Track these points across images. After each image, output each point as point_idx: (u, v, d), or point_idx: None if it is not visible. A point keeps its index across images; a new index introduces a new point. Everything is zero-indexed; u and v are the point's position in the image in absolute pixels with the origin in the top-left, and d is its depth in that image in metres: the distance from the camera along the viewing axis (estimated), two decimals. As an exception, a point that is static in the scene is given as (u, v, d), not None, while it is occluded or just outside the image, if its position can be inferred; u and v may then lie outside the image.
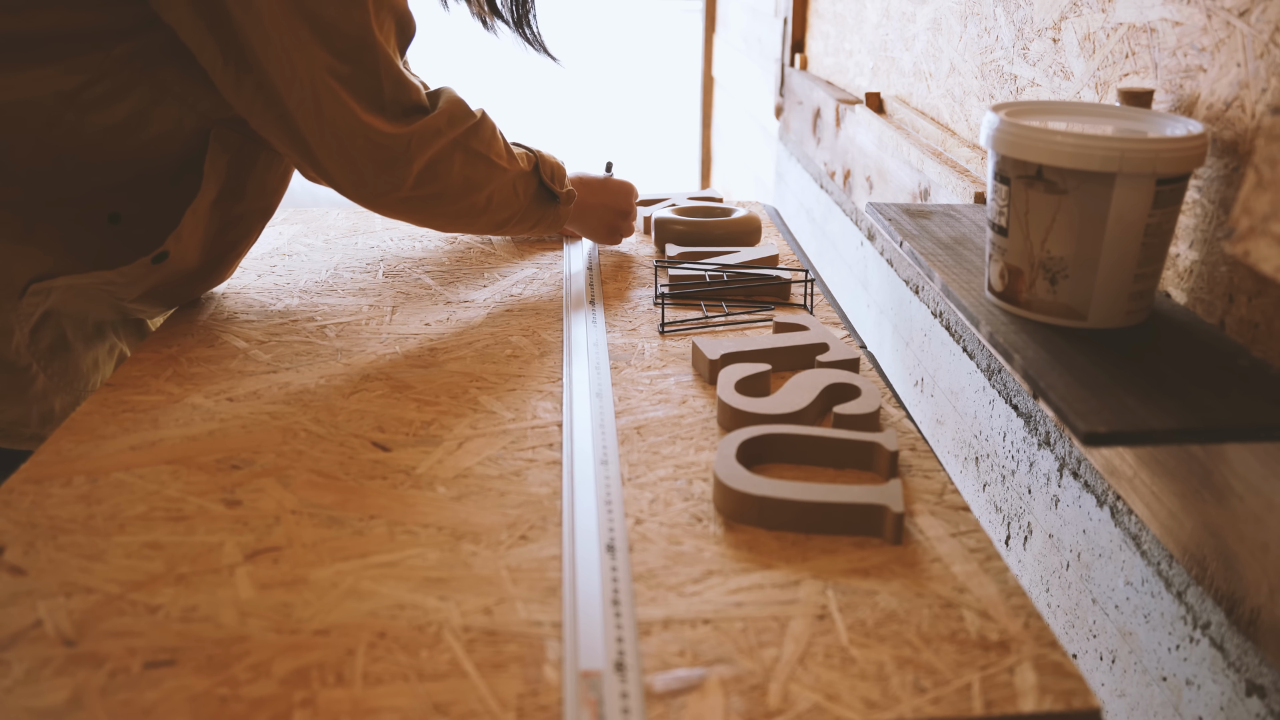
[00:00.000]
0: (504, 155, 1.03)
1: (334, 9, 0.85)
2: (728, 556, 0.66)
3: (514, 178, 1.04)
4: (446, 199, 0.98)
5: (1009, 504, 1.06)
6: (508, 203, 1.05)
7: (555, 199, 1.11)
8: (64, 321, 0.94)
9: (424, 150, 0.93)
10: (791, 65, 2.04)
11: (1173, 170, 0.68)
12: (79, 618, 0.59)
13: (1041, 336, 0.72)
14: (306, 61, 0.85)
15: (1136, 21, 0.84)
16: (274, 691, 0.54)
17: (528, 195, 1.08)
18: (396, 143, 0.91)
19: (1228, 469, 0.70)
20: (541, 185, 1.09)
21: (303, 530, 0.68)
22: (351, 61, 0.87)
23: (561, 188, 1.12)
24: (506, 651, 0.57)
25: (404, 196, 0.95)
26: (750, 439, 0.75)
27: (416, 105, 0.93)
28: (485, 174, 1.00)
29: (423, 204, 0.97)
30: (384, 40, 0.88)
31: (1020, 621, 0.60)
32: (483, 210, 1.03)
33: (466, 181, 0.99)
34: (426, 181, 0.95)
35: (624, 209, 1.22)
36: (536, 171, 1.08)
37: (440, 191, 0.97)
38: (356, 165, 0.90)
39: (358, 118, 0.88)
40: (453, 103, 0.96)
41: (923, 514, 0.71)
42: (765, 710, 0.53)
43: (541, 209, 1.10)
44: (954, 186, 1.15)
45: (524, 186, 1.07)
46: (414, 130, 0.92)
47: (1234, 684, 0.70)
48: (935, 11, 1.29)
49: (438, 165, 0.95)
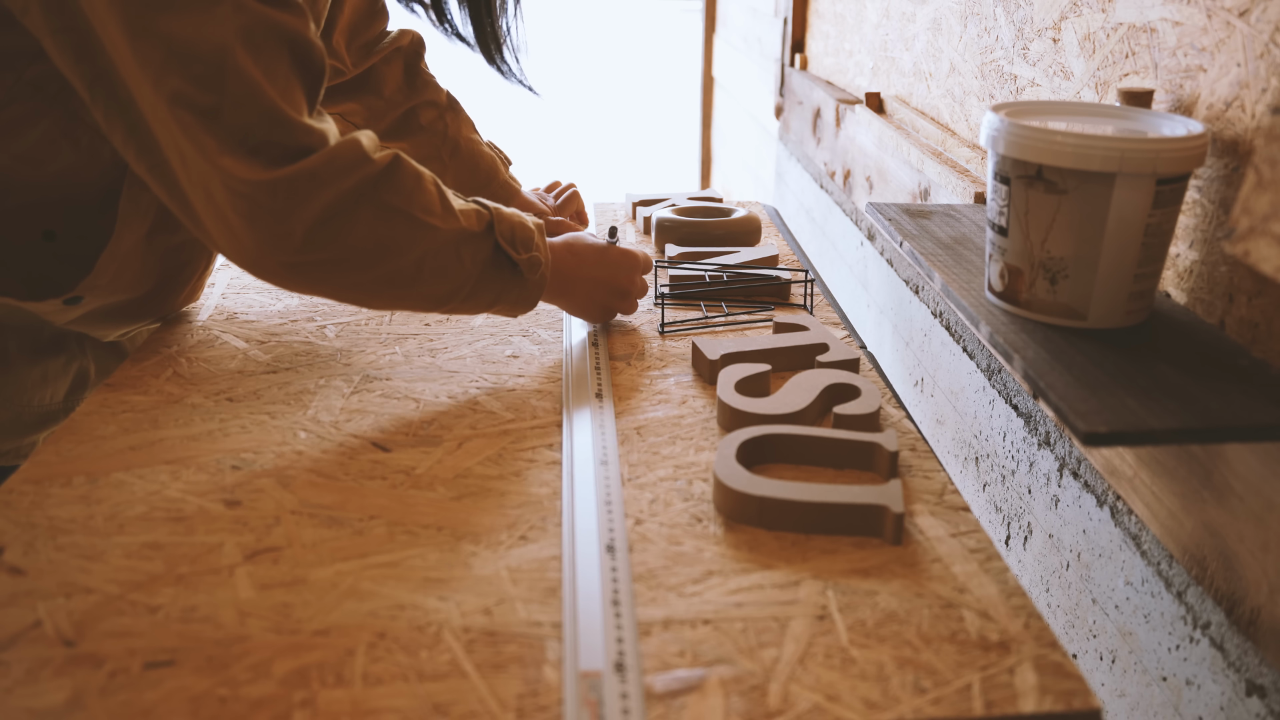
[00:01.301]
0: (436, 210, 0.81)
1: (188, 26, 0.70)
2: (728, 557, 0.66)
3: (454, 239, 0.82)
4: (353, 266, 0.79)
5: (1009, 504, 1.06)
6: (447, 272, 0.82)
7: (518, 270, 0.88)
8: (6, 334, 0.88)
9: (305, 203, 0.74)
10: (791, 65, 2.04)
11: (1173, 170, 0.68)
12: (79, 618, 0.59)
13: (1041, 336, 0.72)
14: (158, 89, 0.71)
15: (1136, 21, 0.84)
16: (274, 692, 0.54)
17: (478, 263, 0.84)
18: (260, 191, 0.73)
19: (1228, 469, 0.70)
20: (498, 251, 0.85)
21: (302, 530, 0.68)
22: (212, 90, 0.71)
23: (525, 253, 0.87)
24: (506, 652, 0.57)
25: (291, 261, 0.76)
26: (750, 439, 0.75)
27: (303, 149, 0.75)
28: (408, 234, 0.80)
29: (321, 272, 0.78)
30: (258, 68, 0.73)
31: (1020, 622, 0.60)
32: (410, 281, 0.81)
33: (379, 244, 0.79)
34: (321, 243, 0.76)
35: (622, 286, 0.99)
36: (490, 232, 0.85)
37: (342, 257, 0.77)
38: (225, 219, 0.75)
39: (212, 158, 0.72)
40: (346, 146, 0.77)
41: (923, 514, 0.71)
42: (765, 711, 0.53)
43: (500, 282, 0.86)
44: (954, 186, 1.15)
45: (472, 251, 0.83)
46: (282, 177, 0.73)
47: (1234, 684, 0.70)
48: (935, 11, 1.29)
49: (334, 223, 0.76)
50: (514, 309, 0.90)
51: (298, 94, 0.76)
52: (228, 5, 0.71)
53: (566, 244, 0.96)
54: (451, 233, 0.82)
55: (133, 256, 0.88)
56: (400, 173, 0.80)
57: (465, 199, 0.86)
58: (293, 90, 0.75)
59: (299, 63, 0.76)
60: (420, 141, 1.19)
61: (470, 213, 0.84)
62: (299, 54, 0.76)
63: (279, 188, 0.73)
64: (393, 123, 1.19)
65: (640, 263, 1.00)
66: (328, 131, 0.77)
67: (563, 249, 0.95)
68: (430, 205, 0.81)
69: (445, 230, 0.81)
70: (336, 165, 0.76)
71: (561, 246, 0.95)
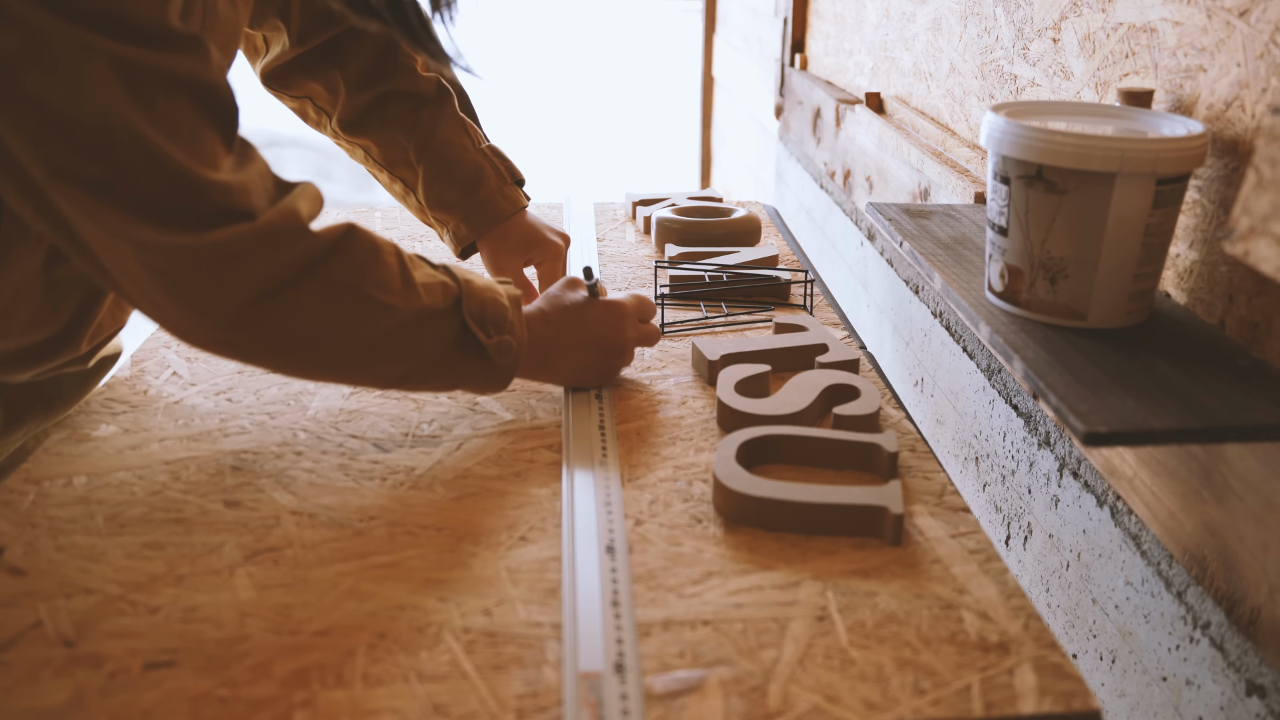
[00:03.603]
0: (395, 286, 0.72)
1: (60, 87, 0.60)
2: (727, 558, 0.66)
3: (414, 319, 0.73)
4: (295, 345, 0.71)
5: (1009, 504, 1.06)
6: (404, 354, 0.74)
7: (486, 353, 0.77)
8: None
9: (236, 275, 0.66)
10: (791, 65, 2.04)
11: (1173, 170, 0.68)
12: (79, 618, 0.60)
13: (1041, 336, 0.72)
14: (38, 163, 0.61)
15: (1136, 21, 0.84)
16: (274, 692, 0.54)
17: (440, 344, 0.75)
18: (178, 263, 0.64)
19: (1228, 469, 0.70)
20: (465, 331, 0.76)
21: (302, 531, 0.68)
22: (100, 159, 0.61)
23: (495, 335, 0.77)
24: (506, 653, 0.57)
25: (223, 338, 0.69)
26: (750, 440, 0.75)
27: (224, 211, 0.65)
28: (360, 315, 0.71)
29: (258, 350, 0.71)
30: (155, 126, 0.62)
31: (1020, 623, 0.60)
32: (360, 363, 0.73)
33: (326, 324, 0.70)
34: (257, 320, 0.68)
35: (613, 344, 0.87)
36: (457, 309, 0.75)
37: (283, 335, 0.70)
38: (145, 291, 0.66)
39: (117, 233, 0.63)
40: (281, 217, 0.67)
41: (922, 515, 0.71)
42: (765, 712, 0.53)
43: (465, 365, 0.77)
44: (954, 186, 1.15)
45: (435, 331, 0.74)
46: (203, 245, 0.64)
47: (1234, 684, 0.70)
48: (935, 11, 1.29)
49: (273, 299, 0.67)
50: (488, 388, 0.80)
51: (210, 145, 0.66)
52: (103, 58, 0.60)
53: (542, 315, 0.84)
54: (412, 312, 0.73)
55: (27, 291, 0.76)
56: (353, 246, 0.71)
57: (434, 265, 0.77)
58: (202, 142, 0.65)
59: (205, 108, 0.65)
60: (385, 139, 1.01)
61: (435, 286, 0.75)
62: (203, 98, 0.65)
63: (200, 258, 0.64)
64: (357, 111, 1.00)
65: (628, 311, 0.87)
66: (249, 183, 0.67)
67: (539, 321, 0.83)
68: (387, 281, 0.72)
69: (404, 310, 0.72)
70: (271, 236, 0.67)
71: (537, 318, 0.84)
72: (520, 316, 0.80)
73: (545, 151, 5.21)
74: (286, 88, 1.02)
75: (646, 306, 0.90)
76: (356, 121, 1.01)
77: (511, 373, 0.79)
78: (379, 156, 1.01)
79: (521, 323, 0.80)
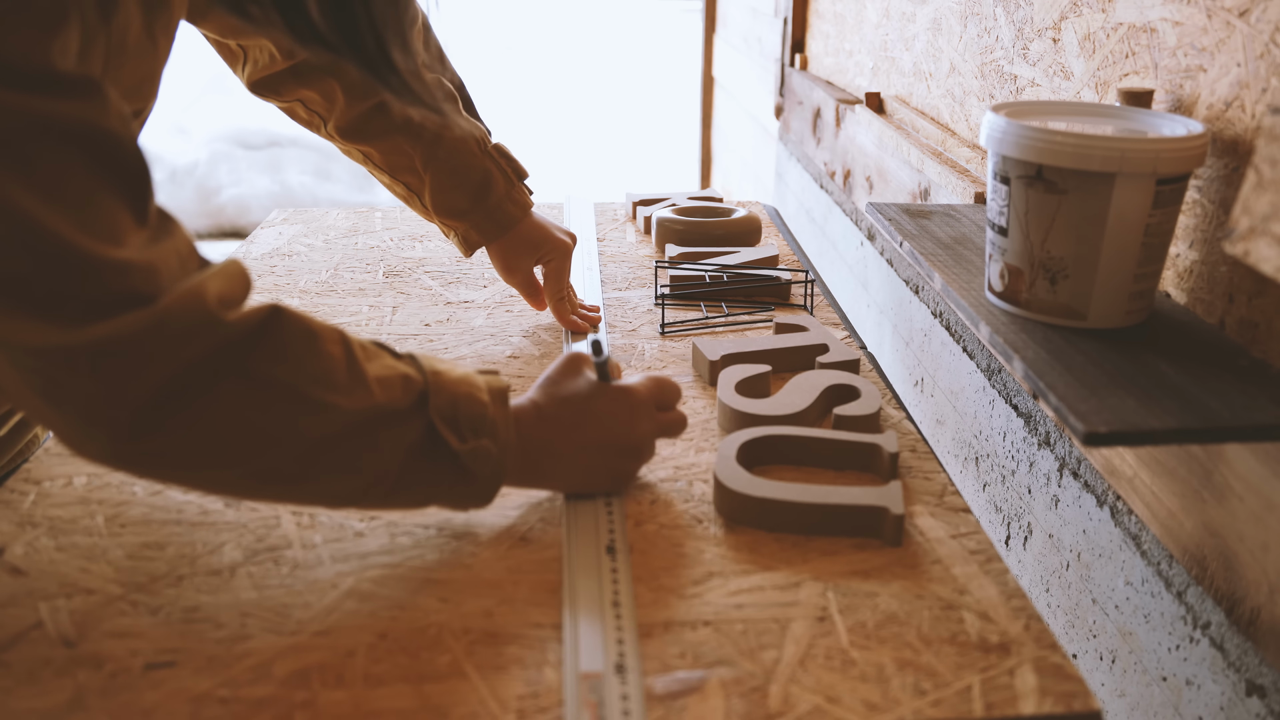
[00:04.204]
0: (338, 381, 0.59)
1: None
2: (728, 558, 0.66)
3: (365, 421, 0.60)
4: (212, 458, 0.57)
5: (1009, 504, 1.06)
6: (355, 464, 0.60)
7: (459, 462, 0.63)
8: None
9: (128, 375, 0.53)
10: (791, 65, 2.04)
11: (1173, 170, 0.68)
12: (79, 618, 0.60)
13: (1041, 336, 0.72)
14: None
15: (1136, 21, 0.84)
16: (274, 693, 0.54)
17: (400, 450, 0.61)
18: (52, 364, 0.52)
19: (1228, 469, 0.70)
20: (432, 433, 0.62)
21: (302, 531, 0.68)
22: None
23: (471, 439, 0.63)
24: (507, 653, 0.57)
25: (120, 452, 0.56)
26: (750, 440, 0.75)
27: (124, 297, 0.52)
28: (294, 417, 0.58)
29: (165, 464, 0.57)
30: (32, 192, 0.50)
31: (1020, 623, 0.60)
32: (296, 476, 0.59)
33: (249, 430, 0.57)
34: (158, 429, 0.55)
35: (624, 443, 0.71)
36: (423, 408, 0.62)
37: (195, 445, 0.56)
38: (23, 397, 0.55)
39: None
40: (181, 302, 0.54)
41: (923, 515, 0.71)
42: (766, 712, 0.53)
43: (434, 475, 0.63)
44: (954, 186, 1.15)
45: (393, 436, 0.61)
46: (82, 343, 0.52)
47: (1234, 684, 0.70)
48: (935, 11, 1.29)
49: (178, 403, 0.54)
50: (460, 507, 0.67)
51: (110, 214, 0.53)
52: None
53: (535, 409, 0.69)
54: (361, 413, 0.59)
55: None
56: (280, 333, 0.58)
57: (397, 355, 0.64)
58: (99, 210, 0.52)
59: (103, 168, 0.53)
60: (389, 146, 0.95)
61: (394, 380, 0.62)
62: (100, 156, 0.53)
63: (78, 357, 0.52)
64: (358, 117, 0.94)
65: (642, 400, 0.72)
66: (157, 263, 0.54)
67: (530, 417, 0.68)
68: (328, 375, 0.59)
69: (350, 410, 0.59)
70: (168, 326, 0.53)
71: (529, 413, 0.69)
72: (505, 413, 0.66)
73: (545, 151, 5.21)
74: (278, 94, 0.95)
75: (668, 391, 0.74)
76: (357, 129, 0.96)
77: (493, 485, 0.66)
78: (382, 162, 0.97)
79: (507, 421, 0.66)
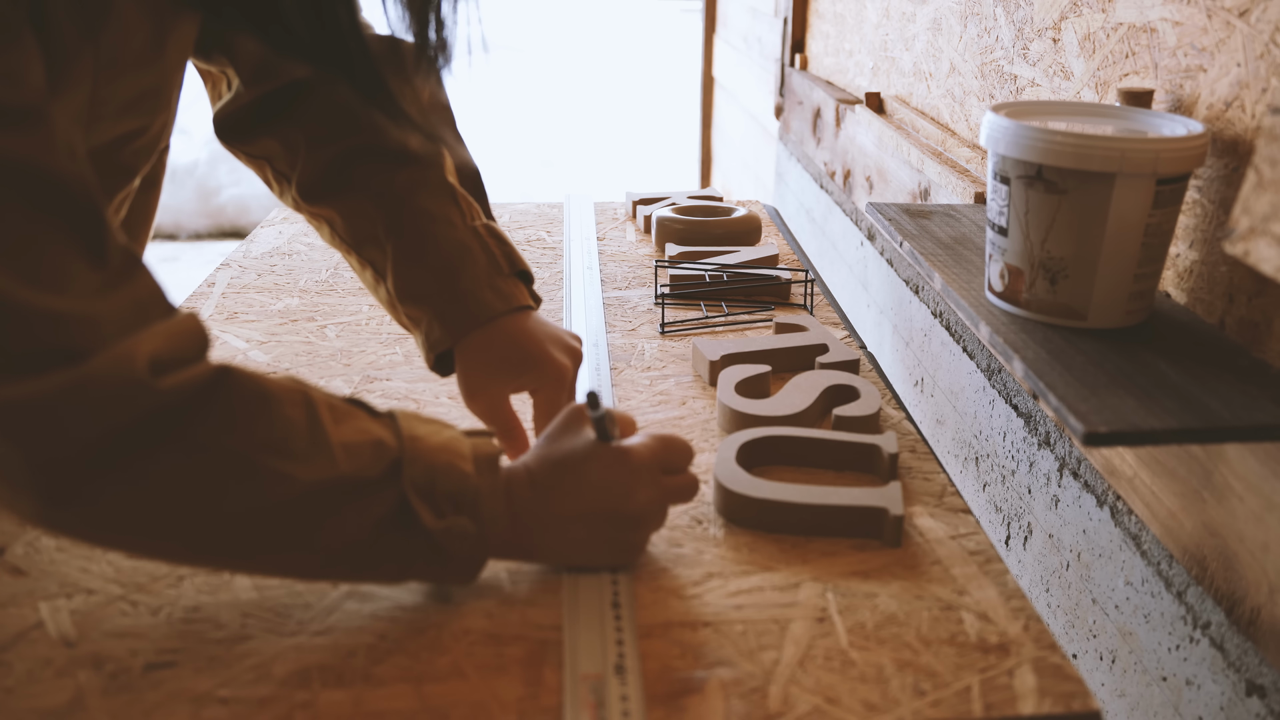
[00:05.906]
0: (295, 448, 0.53)
1: None
2: (728, 559, 0.66)
3: (326, 492, 0.54)
4: (149, 529, 0.52)
5: (1009, 504, 1.06)
6: (312, 539, 0.55)
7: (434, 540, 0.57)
8: None
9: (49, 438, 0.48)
10: (791, 65, 2.04)
11: (1173, 170, 0.68)
12: (80, 618, 0.60)
13: (1041, 336, 0.72)
14: None
15: (1136, 21, 0.84)
16: (274, 693, 0.54)
17: (367, 525, 0.55)
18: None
19: (1228, 469, 0.70)
20: (405, 507, 0.56)
21: (303, 532, 0.68)
22: None
23: (449, 514, 0.57)
24: (507, 654, 0.57)
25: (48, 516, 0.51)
26: (750, 441, 0.75)
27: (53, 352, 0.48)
28: (240, 488, 0.52)
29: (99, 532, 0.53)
30: None
31: (1020, 624, 0.60)
32: (245, 549, 0.55)
33: (188, 500, 0.52)
34: (87, 495, 0.50)
35: (621, 512, 0.62)
36: (395, 478, 0.56)
37: (129, 514, 0.51)
38: None
39: None
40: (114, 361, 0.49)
41: (922, 516, 0.71)
42: (765, 713, 0.53)
43: (408, 552, 0.57)
44: (954, 186, 1.15)
45: (359, 509, 0.55)
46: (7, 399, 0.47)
47: (1234, 684, 0.70)
48: (935, 11, 1.29)
49: (108, 469, 0.49)
50: (440, 583, 0.62)
51: (54, 258, 0.48)
52: None
53: (527, 475, 0.61)
54: (319, 484, 0.53)
55: None
56: (226, 398, 0.52)
57: (376, 414, 0.58)
58: (38, 254, 0.48)
59: (44, 207, 0.48)
60: (350, 208, 0.75)
61: (363, 446, 0.55)
62: (41, 193, 0.48)
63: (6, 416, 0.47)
64: (317, 170, 0.76)
65: (644, 464, 0.62)
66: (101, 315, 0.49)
67: (522, 483, 0.61)
68: (283, 442, 0.53)
69: (308, 480, 0.53)
70: (91, 393, 0.48)
71: (520, 478, 0.61)
72: (493, 483, 0.59)
73: (545, 151, 5.21)
74: (243, 142, 0.79)
75: (675, 451, 0.64)
76: (317, 187, 0.76)
77: (473, 565, 0.59)
78: (344, 230, 0.76)
79: (494, 492, 0.59)
